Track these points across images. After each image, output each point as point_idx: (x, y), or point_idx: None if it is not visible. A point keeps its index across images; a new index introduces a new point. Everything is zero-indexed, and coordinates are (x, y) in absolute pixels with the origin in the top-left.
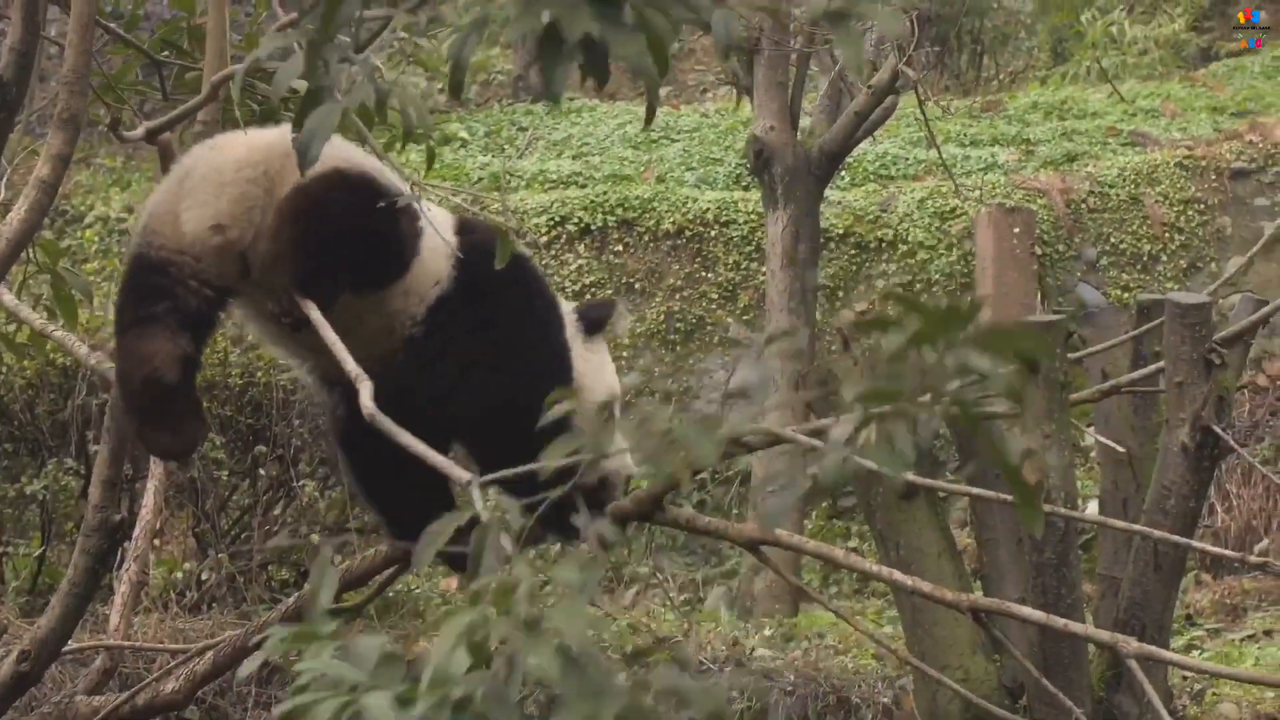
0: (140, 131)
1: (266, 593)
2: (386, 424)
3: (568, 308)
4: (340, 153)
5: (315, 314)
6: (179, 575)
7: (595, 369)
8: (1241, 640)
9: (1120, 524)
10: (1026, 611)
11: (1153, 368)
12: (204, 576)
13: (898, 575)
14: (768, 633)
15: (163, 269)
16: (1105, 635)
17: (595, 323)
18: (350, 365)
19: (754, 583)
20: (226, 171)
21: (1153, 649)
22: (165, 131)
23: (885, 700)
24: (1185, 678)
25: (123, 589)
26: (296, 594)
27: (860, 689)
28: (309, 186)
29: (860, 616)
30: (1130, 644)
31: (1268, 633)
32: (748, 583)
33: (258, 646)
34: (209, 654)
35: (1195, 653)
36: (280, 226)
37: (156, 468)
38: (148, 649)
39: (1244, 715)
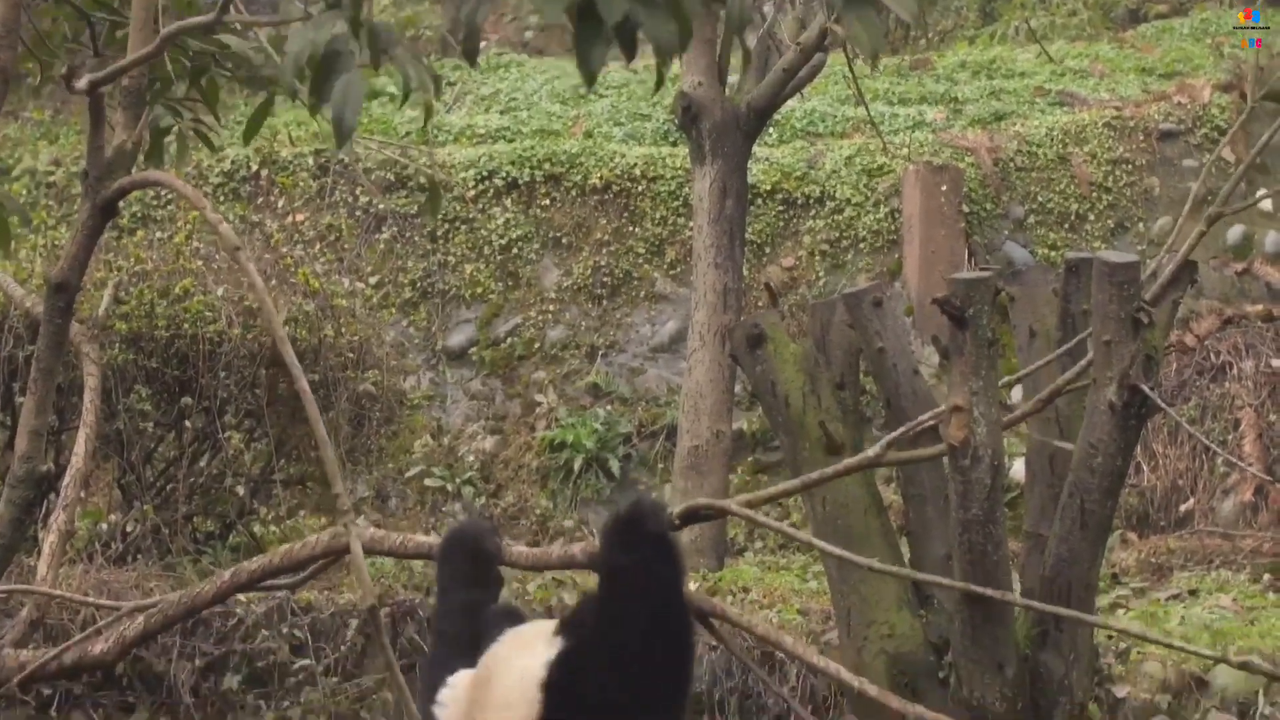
0: (84, 83)
1: (191, 544)
2: None
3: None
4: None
5: None
6: (104, 526)
7: None
8: (1166, 599)
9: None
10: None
11: (1078, 337)
12: (129, 528)
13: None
14: (693, 586)
15: None
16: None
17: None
18: None
19: (680, 536)
20: None
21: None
22: (108, 84)
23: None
24: (1110, 636)
25: (51, 539)
26: (235, 567)
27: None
28: None
29: (785, 571)
30: None
31: (1192, 592)
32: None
33: (190, 614)
34: (140, 616)
35: (1120, 611)
36: None
37: (88, 415)
38: (75, 600)
39: (1168, 674)
